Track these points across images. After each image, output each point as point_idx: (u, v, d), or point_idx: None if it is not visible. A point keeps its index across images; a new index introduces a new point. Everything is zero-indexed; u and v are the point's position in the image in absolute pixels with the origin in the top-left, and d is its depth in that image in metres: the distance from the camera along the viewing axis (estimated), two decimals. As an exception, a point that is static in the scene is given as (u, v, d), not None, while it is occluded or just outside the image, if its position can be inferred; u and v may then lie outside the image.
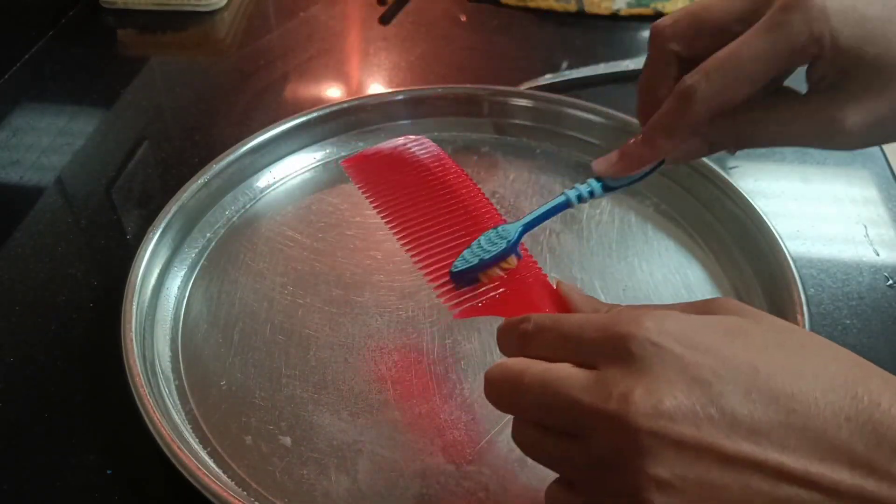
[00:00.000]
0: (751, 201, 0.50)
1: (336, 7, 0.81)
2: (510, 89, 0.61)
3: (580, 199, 0.39)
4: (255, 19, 0.80)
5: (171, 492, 0.38)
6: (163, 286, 0.48)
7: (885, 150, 0.60)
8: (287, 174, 0.57)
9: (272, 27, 0.80)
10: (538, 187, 0.56)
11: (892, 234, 0.53)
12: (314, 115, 0.58)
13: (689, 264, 0.50)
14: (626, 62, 0.68)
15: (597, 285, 0.48)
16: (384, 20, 0.79)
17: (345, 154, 0.59)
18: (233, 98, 0.67)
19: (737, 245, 0.50)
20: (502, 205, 0.54)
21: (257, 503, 0.37)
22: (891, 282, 0.50)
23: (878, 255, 0.51)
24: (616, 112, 0.58)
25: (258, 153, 0.56)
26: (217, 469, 0.39)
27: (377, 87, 0.71)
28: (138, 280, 0.45)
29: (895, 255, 0.51)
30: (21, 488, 0.39)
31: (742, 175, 0.58)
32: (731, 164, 0.59)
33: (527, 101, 0.60)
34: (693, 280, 0.48)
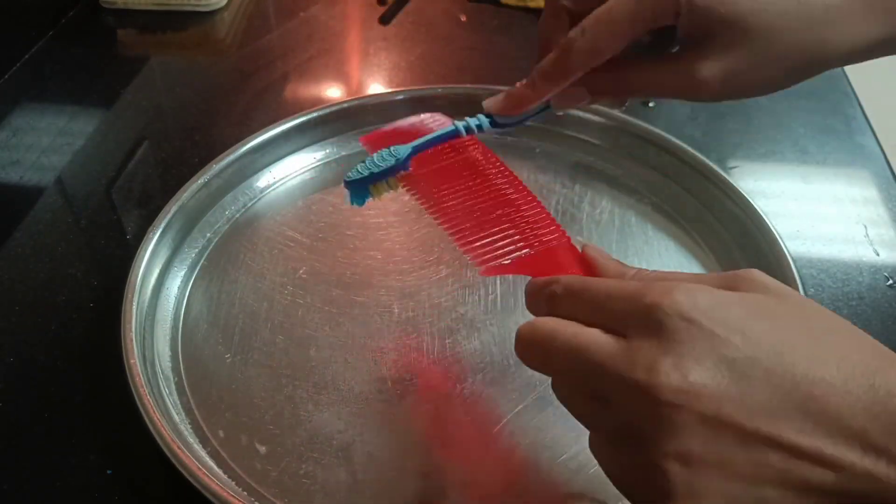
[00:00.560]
0: (751, 201, 0.50)
1: (336, 7, 0.81)
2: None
3: (468, 130, 0.41)
4: (255, 19, 0.80)
5: (171, 492, 0.38)
6: (163, 286, 0.48)
7: (885, 151, 0.60)
8: (287, 174, 0.57)
9: (272, 27, 0.80)
10: (538, 187, 0.56)
11: (892, 234, 0.53)
12: (314, 115, 0.58)
13: (689, 264, 0.50)
14: (626, 62, 0.68)
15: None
16: (384, 20, 0.79)
17: (345, 154, 0.59)
18: (233, 98, 0.67)
19: (737, 245, 0.50)
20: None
21: (257, 503, 0.37)
22: (891, 282, 0.50)
23: (878, 255, 0.51)
24: (615, 112, 0.58)
25: (258, 153, 0.56)
26: (217, 469, 0.39)
27: (377, 87, 0.71)
28: (138, 280, 0.45)
29: (895, 255, 0.51)
30: (21, 488, 0.39)
31: (742, 175, 0.58)
32: (731, 163, 0.59)
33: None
34: (693, 280, 0.48)
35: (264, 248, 0.52)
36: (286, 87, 0.70)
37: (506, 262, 0.36)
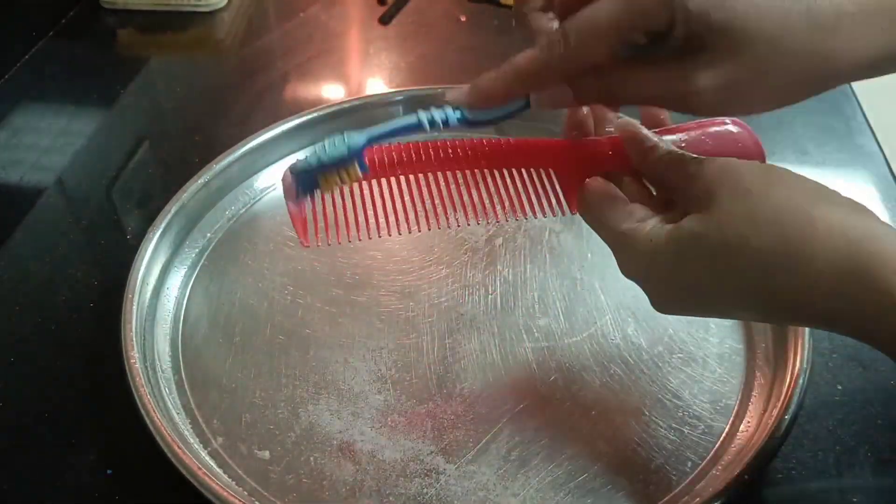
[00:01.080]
0: (750, 201, 0.50)
1: (336, 7, 0.81)
2: (510, 89, 0.61)
3: (432, 123, 0.36)
4: (255, 19, 0.80)
5: (172, 491, 0.38)
6: (163, 286, 0.48)
7: (885, 151, 0.60)
8: (287, 174, 0.57)
9: (272, 27, 0.80)
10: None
11: (892, 234, 0.53)
12: (314, 115, 0.58)
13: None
14: (626, 62, 0.68)
15: (597, 285, 0.48)
16: (384, 20, 0.79)
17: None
18: (233, 98, 0.67)
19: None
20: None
21: (258, 503, 0.37)
22: (890, 282, 0.50)
23: (878, 255, 0.51)
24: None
25: (258, 153, 0.56)
26: (217, 469, 0.39)
27: (377, 87, 0.71)
28: (138, 280, 0.45)
29: (895, 255, 0.51)
30: (21, 488, 0.39)
31: (742, 175, 0.58)
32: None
33: (527, 101, 0.60)
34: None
35: (264, 248, 0.52)
36: (286, 87, 0.71)
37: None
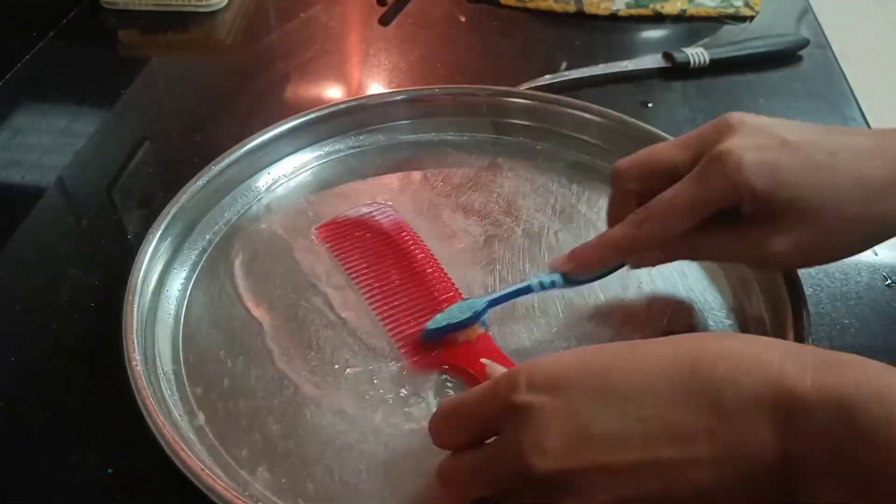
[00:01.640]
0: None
1: (336, 8, 0.81)
2: (509, 89, 0.61)
3: (542, 286, 0.44)
4: (255, 20, 0.80)
5: (172, 491, 0.38)
6: (164, 286, 0.48)
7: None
8: (287, 174, 0.57)
9: (273, 28, 0.80)
10: (537, 187, 0.56)
11: (891, 234, 0.53)
12: (314, 115, 0.58)
13: (687, 263, 0.50)
14: (625, 62, 0.68)
15: (595, 284, 0.48)
16: (384, 21, 0.79)
17: (345, 154, 0.59)
18: (233, 98, 0.68)
19: (736, 245, 0.50)
20: (500, 204, 0.55)
21: (259, 503, 0.37)
22: (889, 282, 0.50)
23: (877, 255, 0.51)
24: (614, 112, 0.58)
25: (258, 153, 0.56)
26: (218, 469, 0.39)
27: (377, 87, 0.71)
28: (139, 280, 0.45)
29: (893, 255, 0.51)
30: (21, 487, 0.39)
31: (741, 175, 0.58)
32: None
33: (526, 101, 0.60)
34: (692, 279, 0.49)
35: (264, 248, 0.52)
36: (286, 87, 0.71)
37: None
